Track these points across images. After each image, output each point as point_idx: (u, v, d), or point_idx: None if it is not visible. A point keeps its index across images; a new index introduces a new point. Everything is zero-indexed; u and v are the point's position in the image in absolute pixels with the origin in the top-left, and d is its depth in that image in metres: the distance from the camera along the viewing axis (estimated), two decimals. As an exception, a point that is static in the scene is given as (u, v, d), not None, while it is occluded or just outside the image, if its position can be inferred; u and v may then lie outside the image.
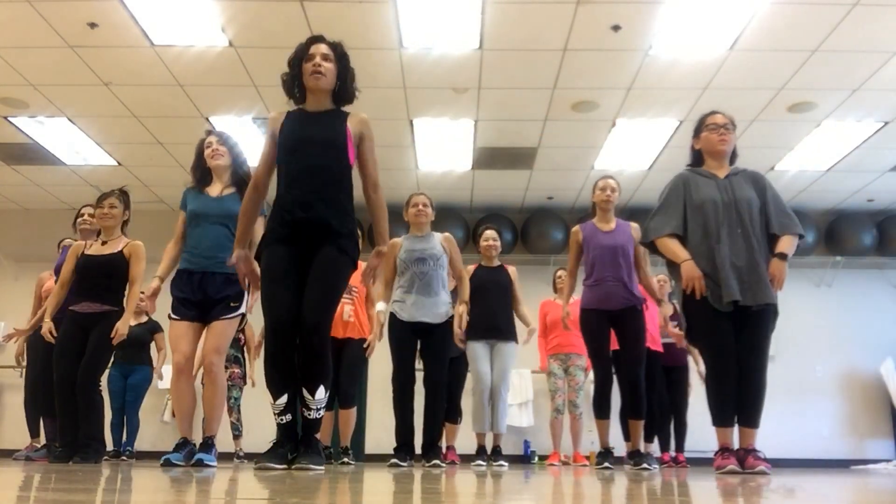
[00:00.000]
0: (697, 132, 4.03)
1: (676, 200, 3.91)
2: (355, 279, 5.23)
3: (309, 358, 3.21)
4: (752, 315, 3.70)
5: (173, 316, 3.99)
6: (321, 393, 3.21)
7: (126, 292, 4.89)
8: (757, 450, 3.64)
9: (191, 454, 3.94)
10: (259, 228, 3.69)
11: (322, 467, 3.24)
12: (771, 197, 3.88)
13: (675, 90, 6.61)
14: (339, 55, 3.42)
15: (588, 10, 5.45)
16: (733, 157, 4.03)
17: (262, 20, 5.60)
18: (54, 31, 5.67)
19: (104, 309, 4.81)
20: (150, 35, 5.75)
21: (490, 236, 5.78)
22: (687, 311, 3.85)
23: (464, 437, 6.24)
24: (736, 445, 3.70)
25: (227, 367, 6.90)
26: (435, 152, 8.00)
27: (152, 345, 7.43)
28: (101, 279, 4.84)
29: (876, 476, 4.59)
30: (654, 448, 6.26)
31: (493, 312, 5.42)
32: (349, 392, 5.32)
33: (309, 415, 3.24)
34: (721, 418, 3.70)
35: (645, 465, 4.69)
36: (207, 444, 4.00)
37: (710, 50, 5.98)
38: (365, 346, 5.30)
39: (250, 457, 7.12)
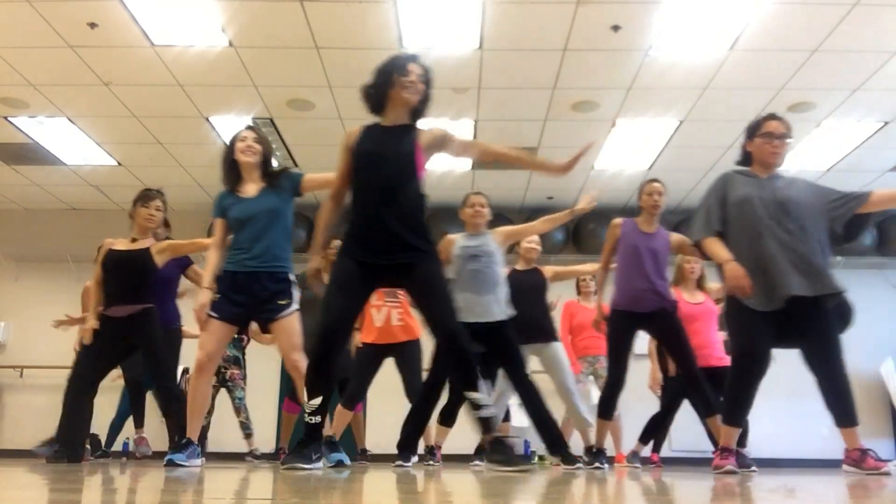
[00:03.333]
0: (752, 135, 3.90)
1: (716, 200, 3.82)
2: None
3: (463, 361, 3.26)
4: (816, 313, 3.57)
5: (211, 313, 3.87)
6: (484, 389, 3.28)
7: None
8: (870, 449, 3.58)
9: (193, 454, 3.93)
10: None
11: (517, 467, 3.29)
12: (827, 190, 3.80)
13: (675, 90, 6.61)
14: (428, 79, 3.50)
15: (588, 10, 5.45)
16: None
17: (262, 20, 5.60)
18: (54, 31, 5.67)
19: (138, 308, 4.72)
20: (150, 35, 5.75)
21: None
22: (729, 306, 3.74)
23: (459, 438, 6.24)
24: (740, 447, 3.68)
25: (226, 369, 6.90)
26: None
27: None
28: (128, 277, 4.76)
29: (875, 476, 4.58)
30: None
31: (530, 317, 5.28)
32: (419, 388, 5.38)
33: (482, 414, 3.28)
34: (733, 417, 3.65)
35: (751, 466, 4.66)
36: (332, 444, 4.11)
37: (710, 50, 5.98)
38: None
39: (236, 456, 7.13)
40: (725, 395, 3.71)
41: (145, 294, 4.80)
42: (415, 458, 4.99)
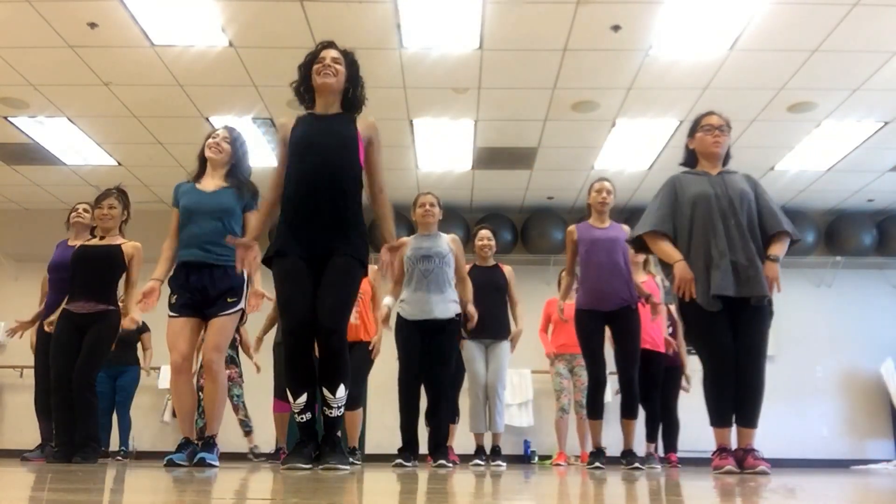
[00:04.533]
0: (692, 132, 4.02)
1: (665, 200, 3.90)
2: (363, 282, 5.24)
3: (328, 359, 3.29)
4: (749, 312, 3.68)
5: (171, 313, 3.93)
6: (342, 391, 3.29)
7: (124, 293, 4.89)
8: (755, 449, 3.64)
9: (193, 454, 3.93)
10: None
11: (347, 467, 3.29)
12: (763, 196, 3.88)
13: (675, 90, 6.61)
14: (350, 62, 3.51)
15: (588, 10, 5.45)
16: (726, 158, 4.01)
17: (262, 20, 5.60)
18: (54, 31, 5.67)
19: (99, 308, 4.80)
20: (150, 35, 5.75)
21: (484, 236, 5.81)
22: (683, 311, 3.85)
23: (462, 438, 6.24)
24: (734, 445, 3.69)
25: None
26: (435, 152, 8.00)
27: (139, 344, 7.45)
28: (97, 272, 4.80)
29: (876, 476, 4.59)
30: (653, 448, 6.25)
31: (487, 313, 5.40)
32: (353, 394, 5.33)
33: (330, 413, 3.31)
34: (719, 419, 3.70)
35: (637, 465, 4.78)
36: (209, 444, 3.98)
37: (710, 50, 5.98)
38: (370, 347, 5.32)
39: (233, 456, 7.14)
40: (707, 399, 3.76)
41: (110, 292, 4.85)
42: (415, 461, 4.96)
